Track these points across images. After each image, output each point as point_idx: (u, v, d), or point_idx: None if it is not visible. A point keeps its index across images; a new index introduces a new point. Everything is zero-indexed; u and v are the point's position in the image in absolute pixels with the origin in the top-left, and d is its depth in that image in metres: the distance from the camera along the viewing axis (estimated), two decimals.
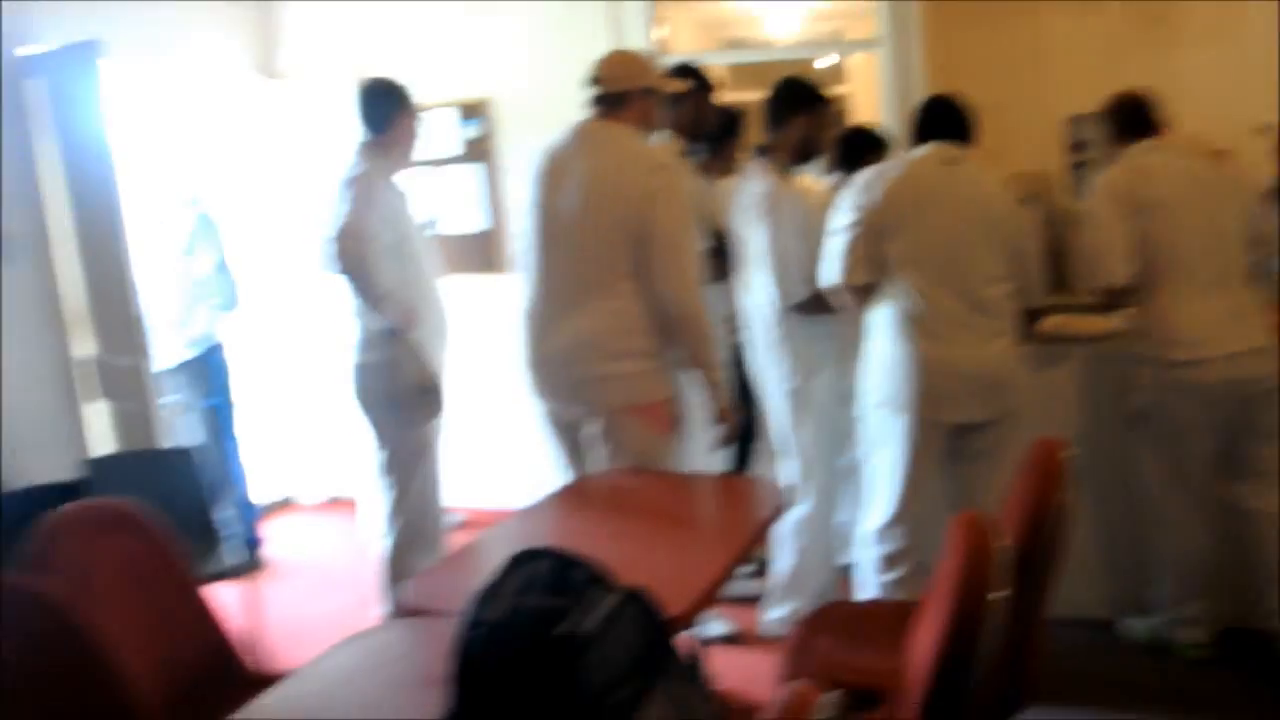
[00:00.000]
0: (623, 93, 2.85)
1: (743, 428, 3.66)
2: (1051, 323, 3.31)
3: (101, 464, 3.58)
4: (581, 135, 2.86)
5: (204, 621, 2.26)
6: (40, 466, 3.60)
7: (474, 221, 4.87)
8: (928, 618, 1.91)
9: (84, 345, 3.94)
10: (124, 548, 2.16)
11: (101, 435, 3.97)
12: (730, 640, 3.42)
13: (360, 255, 2.98)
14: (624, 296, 2.76)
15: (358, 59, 4.85)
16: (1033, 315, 3.08)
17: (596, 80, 2.89)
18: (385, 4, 4.84)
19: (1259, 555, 2.99)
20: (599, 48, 3.25)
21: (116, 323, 3.78)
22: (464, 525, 4.58)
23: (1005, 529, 1.91)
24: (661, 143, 3.20)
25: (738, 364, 3.49)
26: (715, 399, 2.85)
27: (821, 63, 6.69)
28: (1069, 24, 4.52)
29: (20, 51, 3.71)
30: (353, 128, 4.57)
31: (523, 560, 1.15)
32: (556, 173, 2.84)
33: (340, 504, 5.15)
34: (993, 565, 1.67)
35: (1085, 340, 3.28)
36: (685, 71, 3.67)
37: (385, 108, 3.25)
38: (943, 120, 2.99)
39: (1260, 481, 3.00)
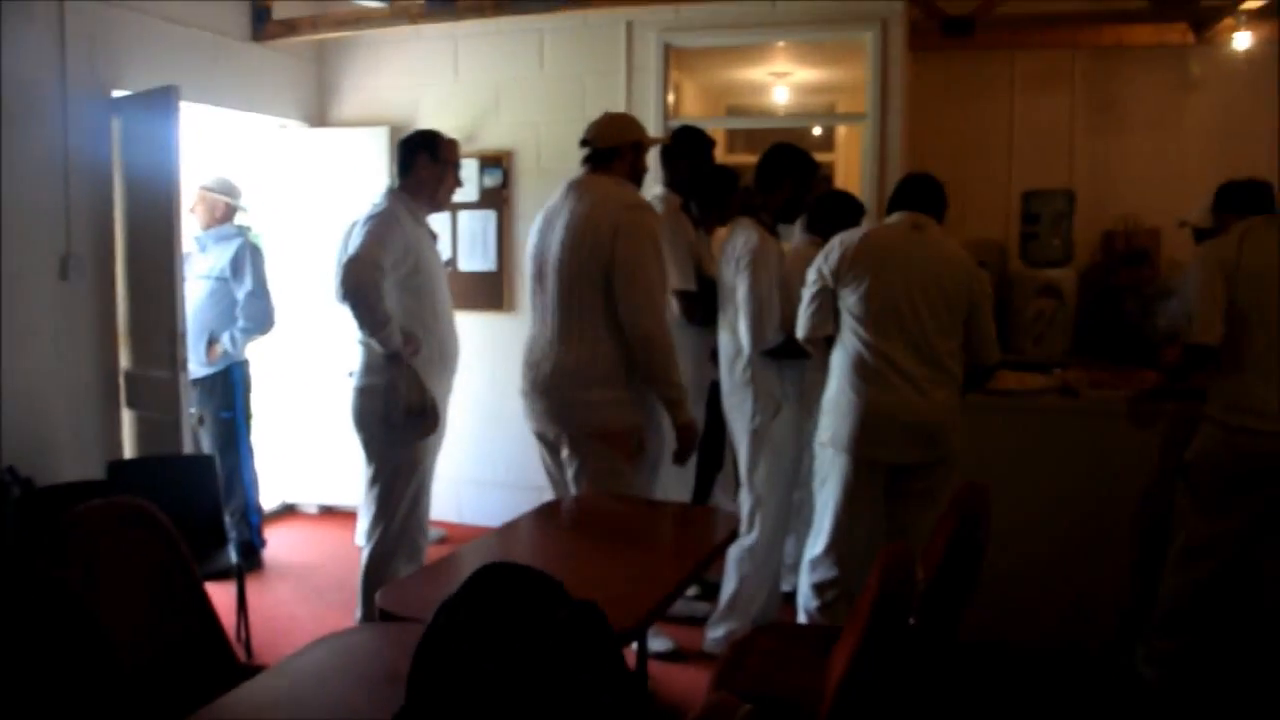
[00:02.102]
0: (611, 148, 3.14)
1: (711, 458, 3.95)
2: (1012, 378, 3.55)
3: (127, 466, 3.88)
4: (573, 187, 3.15)
5: (203, 614, 2.40)
6: (76, 467, 3.93)
7: (484, 262, 5.23)
8: (845, 642, 2.08)
9: (125, 358, 4.28)
10: (137, 541, 2.31)
11: (133, 441, 4.31)
12: (673, 656, 3.60)
13: (366, 284, 3.17)
14: (601, 329, 3.02)
15: (397, 113, 5.28)
16: (985, 371, 3.25)
17: (589, 139, 3.18)
18: (424, 64, 5.25)
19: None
20: (616, 109, 3.58)
21: (158, 338, 4.10)
22: (446, 540, 4.81)
23: (926, 563, 2.06)
24: (661, 195, 3.55)
25: (713, 400, 3.72)
26: (676, 416, 3.05)
27: (817, 131, 7.12)
28: (1029, 108, 4.92)
29: (115, 93, 4.14)
30: (386, 173, 4.96)
31: (485, 573, 1.19)
32: (549, 221, 3.15)
33: (340, 514, 5.45)
34: (908, 595, 1.79)
35: (1035, 394, 3.53)
36: (687, 132, 4.00)
37: (413, 154, 3.51)
38: (916, 193, 3.19)
39: None
